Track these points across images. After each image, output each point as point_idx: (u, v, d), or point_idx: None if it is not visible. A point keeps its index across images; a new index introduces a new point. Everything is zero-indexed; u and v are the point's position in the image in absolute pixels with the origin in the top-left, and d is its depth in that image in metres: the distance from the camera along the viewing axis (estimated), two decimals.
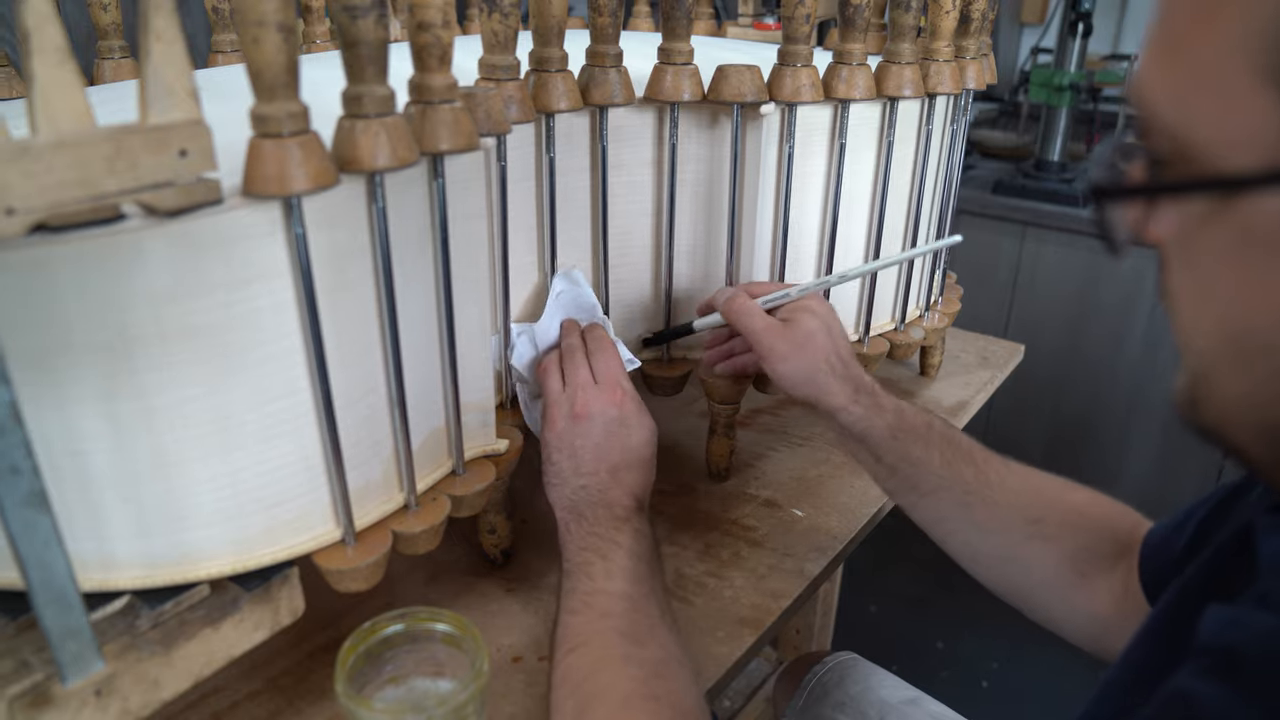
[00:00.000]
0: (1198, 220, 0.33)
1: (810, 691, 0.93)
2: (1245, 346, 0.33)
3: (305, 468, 0.55)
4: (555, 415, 0.69)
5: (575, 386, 0.69)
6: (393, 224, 0.54)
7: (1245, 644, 0.34)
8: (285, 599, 0.55)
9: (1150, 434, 1.98)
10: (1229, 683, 0.33)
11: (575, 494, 0.67)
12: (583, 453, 0.67)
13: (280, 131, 0.45)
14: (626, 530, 0.64)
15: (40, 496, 0.41)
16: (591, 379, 0.70)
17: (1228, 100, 0.31)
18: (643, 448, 0.69)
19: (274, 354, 0.51)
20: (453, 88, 0.54)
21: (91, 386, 0.47)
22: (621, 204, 0.79)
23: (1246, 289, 0.32)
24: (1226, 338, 0.34)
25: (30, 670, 0.46)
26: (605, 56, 0.70)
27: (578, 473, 0.67)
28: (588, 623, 0.58)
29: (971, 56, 0.87)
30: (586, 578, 0.61)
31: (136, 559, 0.52)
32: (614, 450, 0.68)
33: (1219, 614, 0.36)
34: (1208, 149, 0.32)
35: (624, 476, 0.67)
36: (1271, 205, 0.30)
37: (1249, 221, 0.31)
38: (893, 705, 0.87)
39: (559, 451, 0.68)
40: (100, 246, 0.44)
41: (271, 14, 0.43)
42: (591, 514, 0.65)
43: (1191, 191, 0.34)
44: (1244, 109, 0.30)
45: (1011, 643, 1.93)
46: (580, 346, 0.73)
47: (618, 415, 0.69)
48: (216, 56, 0.93)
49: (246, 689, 0.64)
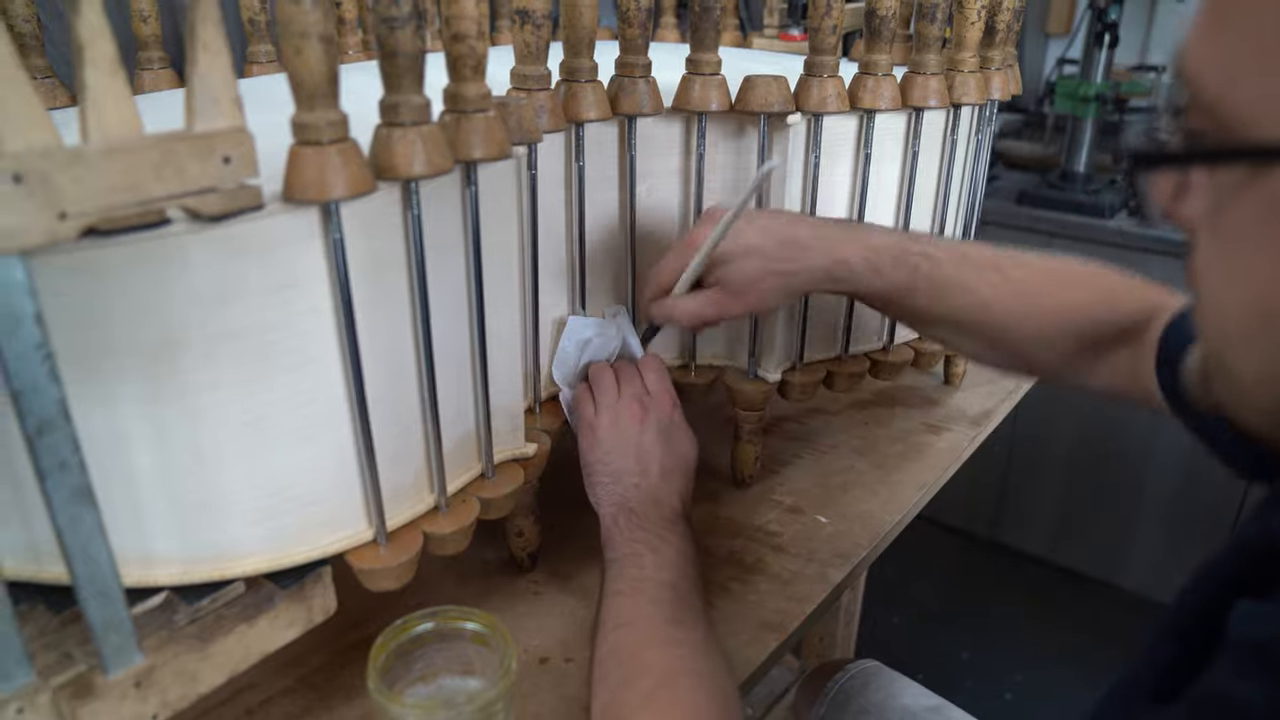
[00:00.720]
0: (1231, 192, 0.33)
1: (833, 699, 0.93)
2: (1274, 323, 0.33)
3: (339, 469, 0.56)
4: (612, 417, 0.72)
5: (631, 395, 0.73)
6: (427, 230, 0.55)
7: (1276, 636, 0.34)
8: (318, 597, 0.56)
9: (1176, 442, 1.97)
10: (1266, 680, 0.33)
11: (628, 491, 0.69)
12: (639, 450, 0.70)
13: (320, 139, 0.47)
14: (676, 530, 0.66)
15: (87, 492, 0.43)
16: (645, 390, 0.74)
17: (1269, 69, 0.31)
18: (690, 457, 0.73)
19: (311, 357, 0.53)
20: (486, 97, 0.55)
21: (135, 386, 0.48)
22: (649, 212, 0.80)
23: (1276, 265, 0.32)
24: (1258, 315, 0.34)
25: (73, 662, 0.47)
26: (634, 67, 0.71)
27: (632, 471, 0.70)
28: (636, 605, 0.60)
29: (996, 67, 0.88)
30: (636, 566, 0.63)
31: (175, 556, 0.53)
32: (667, 454, 0.71)
33: (1249, 609, 0.36)
34: (1246, 119, 0.32)
35: (673, 479, 0.70)
36: None
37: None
38: (915, 713, 0.87)
39: (615, 450, 0.71)
40: (146, 250, 0.45)
41: (314, 26, 0.44)
42: (643, 510, 0.67)
43: (1226, 160, 0.34)
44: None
45: (1036, 655, 1.92)
46: (609, 370, 0.77)
47: (670, 423, 0.73)
48: (252, 67, 0.94)
49: (280, 685, 0.66)
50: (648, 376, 0.76)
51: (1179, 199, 0.36)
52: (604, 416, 0.72)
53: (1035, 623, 2.02)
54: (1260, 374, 0.34)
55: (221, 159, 0.44)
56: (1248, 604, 0.36)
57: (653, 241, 0.81)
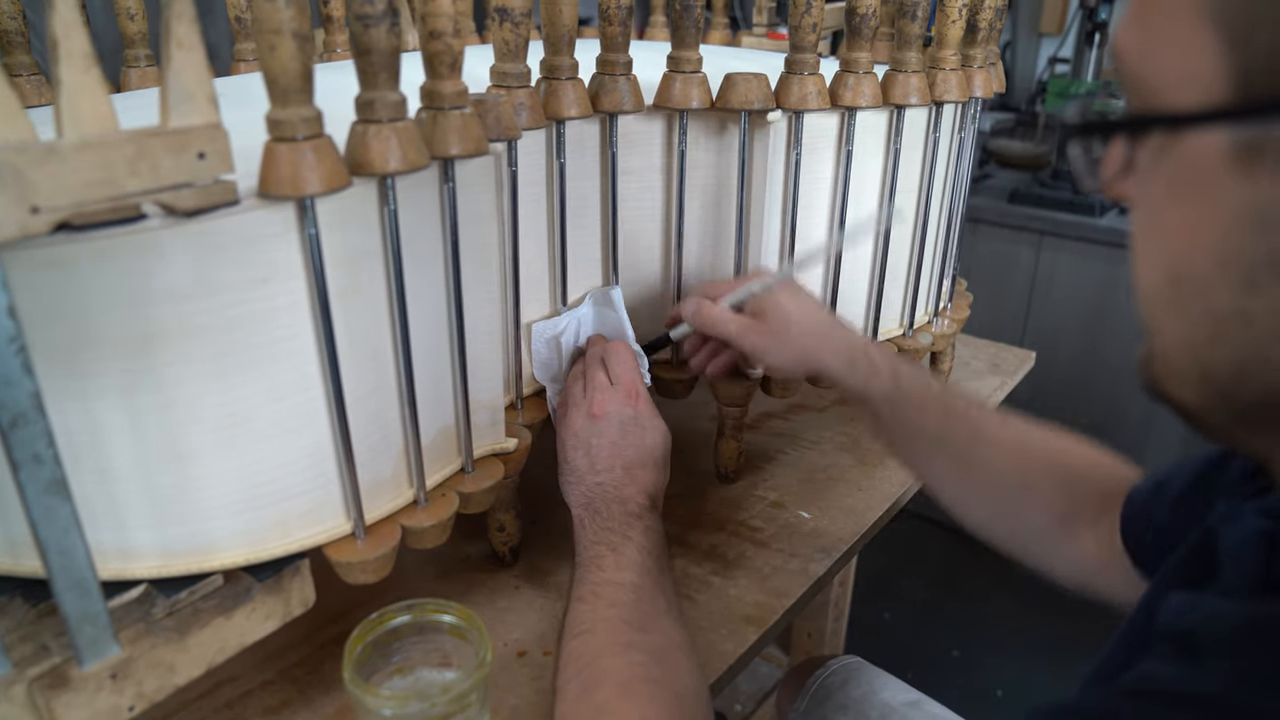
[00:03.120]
0: (1151, 159, 0.35)
1: (813, 694, 0.93)
2: (1183, 288, 0.34)
3: (317, 462, 0.57)
4: (574, 415, 0.71)
5: (593, 388, 0.72)
6: (404, 226, 0.56)
7: (1199, 625, 0.35)
8: (296, 590, 0.57)
9: (1167, 442, 1.98)
10: (1186, 663, 0.34)
11: (591, 490, 0.68)
12: (598, 451, 0.70)
13: (294, 135, 0.47)
14: (638, 526, 0.65)
15: (61, 484, 0.43)
16: (608, 382, 0.73)
17: (1178, 41, 0.32)
18: (656, 448, 0.72)
19: (288, 351, 0.53)
20: (463, 94, 0.56)
21: (111, 380, 0.49)
22: (631, 209, 0.80)
23: (1185, 227, 0.34)
24: (1168, 279, 0.35)
25: (49, 654, 0.48)
26: (615, 65, 0.72)
27: (593, 470, 0.69)
28: (595, 611, 0.59)
29: (979, 65, 0.88)
30: (597, 569, 0.63)
31: (153, 549, 0.54)
32: (629, 449, 0.70)
33: (1179, 601, 0.37)
34: (1161, 90, 0.34)
35: (638, 474, 0.69)
36: (1208, 142, 0.32)
37: (1189, 159, 0.33)
38: (894, 708, 0.88)
39: (575, 450, 0.70)
40: (121, 245, 0.46)
41: (287, 22, 0.45)
42: (606, 510, 0.67)
43: (1140, 128, 0.36)
44: (1190, 49, 0.32)
45: (1027, 652, 1.93)
46: (600, 354, 0.76)
47: (633, 415, 0.71)
48: (240, 65, 0.95)
49: (259, 678, 0.66)
50: (612, 368, 0.74)
51: (1124, 175, 0.37)
52: (571, 415, 0.72)
53: (1028, 620, 2.02)
54: (1180, 338, 0.36)
55: (196, 154, 0.44)
56: (1179, 595, 0.37)
57: (634, 239, 0.81)
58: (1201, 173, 0.32)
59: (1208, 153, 0.32)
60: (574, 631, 0.59)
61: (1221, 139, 0.31)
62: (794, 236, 0.82)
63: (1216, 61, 0.31)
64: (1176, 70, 0.33)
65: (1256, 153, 0.30)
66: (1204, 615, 0.35)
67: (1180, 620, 0.36)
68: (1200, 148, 0.32)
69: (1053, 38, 2.48)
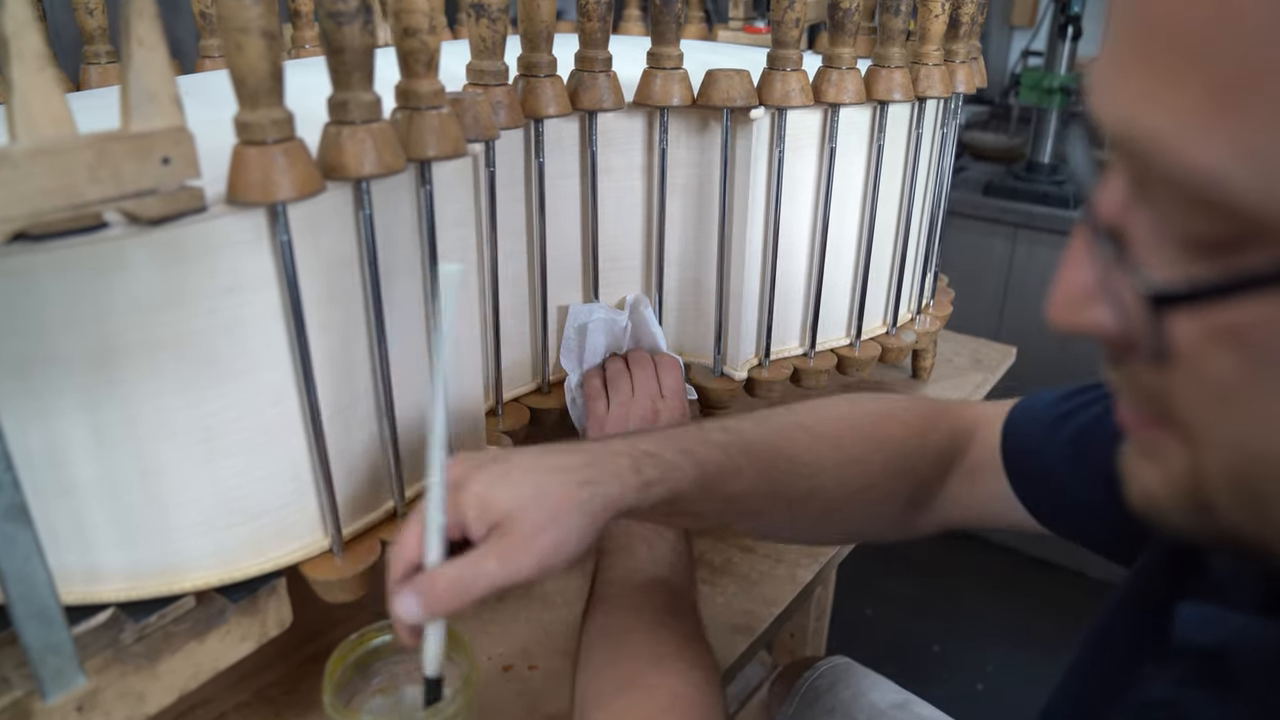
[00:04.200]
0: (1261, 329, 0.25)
1: (802, 697, 0.92)
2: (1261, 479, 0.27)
3: (292, 477, 0.55)
4: (623, 413, 0.74)
5: (646, 395, 0.75)
6: (380, 231, 0.54)
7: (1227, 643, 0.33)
8: (273, 610, 0.55)
9: None
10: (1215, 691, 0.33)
11: None
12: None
13: (264, 139, 0.45)
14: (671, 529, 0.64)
15: (20, 509, 0.41)
16: (659, 391, 0.76)
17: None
18: None
19: (260, 363, 0.51)
20: (440, 93, 0.54)
21: (74, 396, 0.46)
22: (612, 209, 0.78)
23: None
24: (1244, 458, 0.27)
25: (9, 687, 0.45)
26: (594, 61, 0.70)
27: None
28: (627, 592, 0.58)
29: (961, 60, 0.87)
30: (630, 556, 0.61)
31: (121, 570, 0.52)
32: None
33: (1194, 613, 0.36)
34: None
35: None
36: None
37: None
38: (882, 709, 0.87)
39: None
40: (82, 255, 0.43)
41: (254, 20, 0.42)
42: None
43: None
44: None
45: (1007, 645, 1.93)
46: (626, 368, 0.78)
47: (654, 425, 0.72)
48: (205, 61, 0.92)
49: (234, 700, 0.64)
50: (664, 379, 0.77)
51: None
52: (615, 412, 0.73)
53: (1006, 613, 2.03)
54: (1231, 523, 0.29)
55: (160, 160, 0.42)
56: (1192, 606, 0.36)
57: (615, 239, 0.80)
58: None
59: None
60: (606, 606, 0.57)
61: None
62: (777, 234, 0.81)
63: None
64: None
65: None
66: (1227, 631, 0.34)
67: (1200, 637, 0.35)
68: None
69: (1025, 30, 2.48)
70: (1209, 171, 0.23)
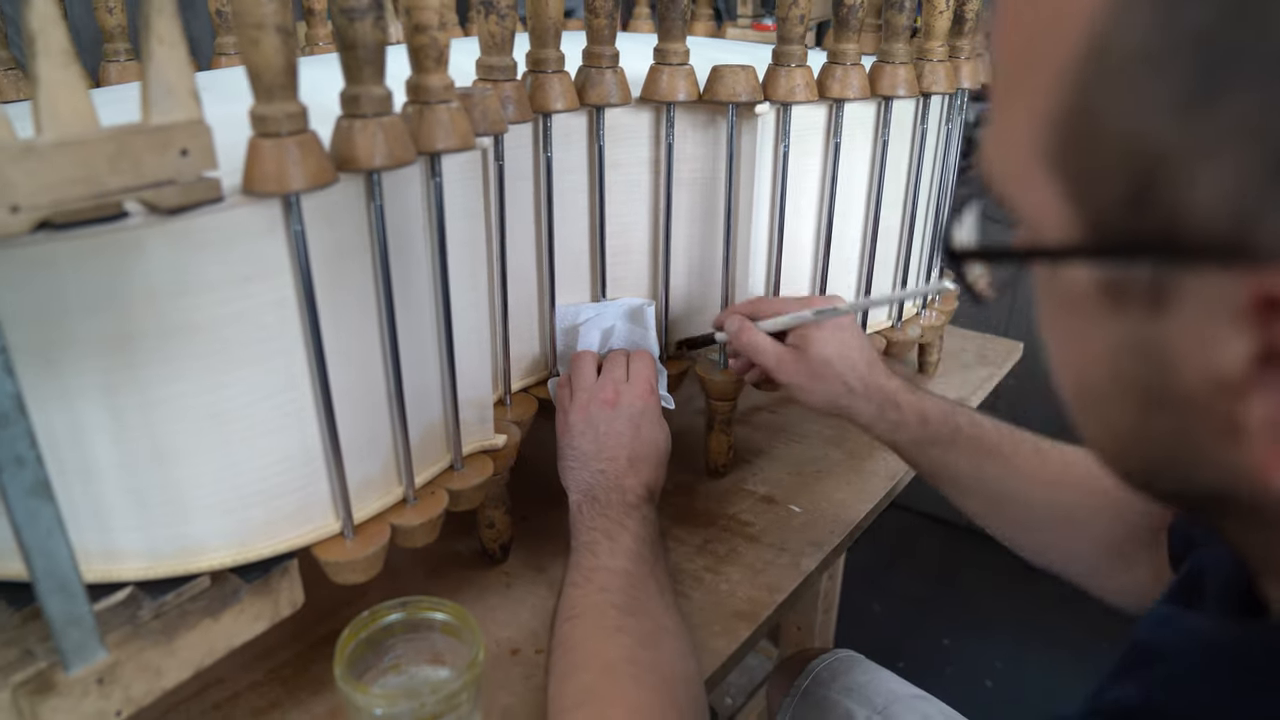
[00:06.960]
0: (1042, 277, 0.33)
1: (806, 687, 0.93)
2: (1087, 398, 0.33)
3: (305, 462, 0.56)
4: (585, 400, 0.73)
5: (609, 378, 0.74)
6: (391, 222, 0.55)
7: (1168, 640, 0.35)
8: (285, 590, 0.56)
9: None
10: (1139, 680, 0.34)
11: (593, 477, 0.69)
12: (607, 437, 0.70)
13: (278, 131, 0.46)
14: (635, 515, 0.66)
15: (44, 486, 0.42)
16: (625, 376, 0.75)
17: (1026, 179, 0.30)
18: (660, 446, 0.73)
19: (273, 350, 0.52)
20: (449, 88, 0.55)
21: (94, 380, 0.48)
22: (619, 203, 0.80)
23: (1079, 343, 0.32)
24: (1075, 386, 0.33)
25: (34, 659, 0.47)
26: (602, 57, 0.71)
27: (599, 456, 0.70)
28: (586, 595, 0.60)
29: (966, 56, 0.88)
30: (591, 555, 0.63)
31: (139, 551, 0.53)
32: (636, 441, 0.71)
33: (1157, 613, 0.37)
34: (1029, 219, 0.31)
35: (640, 467, 0.70)
36: (1078, 275, 0.29)
37: (1067, 287, 0.31)
38: (900, 696, 0.88)
39: (583, 435, 0.71)
40: (103, 243, 0.45)
41: (270, 16, 0.44)
42: (605, 497, 0.67)
43: (1013, 259, 0.34)
44: (1037, 188, 0.29)
45: (1015, 642, 1.93)
46: (624, 353, 0.78)
47: (643, 409, 0.73)
48: (221, 59, 0.94)
49: (248, 679, 0.65)
50: (632, 363, 0.77)
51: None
52: (578, 400, 0.73)
53: (1015, 609, 2.03)
54: (1092, 440, 0.34)
55: (179, 151, 0.44)
56: (1160, 607, 0.37)
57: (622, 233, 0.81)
58: (1079, 301, 0.30)
59: (1080, 284, 0.29)
60: (565, 615, 0.59)
61: (1088, 274, 0.29)
62: (782, 228, 0.82)
63: (1062, 204, 0.28)
64: (1032, 205, 0.30)
65: (1121, 291, 0.28)
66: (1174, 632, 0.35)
67: (1153, 633, 0.36)
68: (1073, 278, 0.30)
69: None
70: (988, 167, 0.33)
